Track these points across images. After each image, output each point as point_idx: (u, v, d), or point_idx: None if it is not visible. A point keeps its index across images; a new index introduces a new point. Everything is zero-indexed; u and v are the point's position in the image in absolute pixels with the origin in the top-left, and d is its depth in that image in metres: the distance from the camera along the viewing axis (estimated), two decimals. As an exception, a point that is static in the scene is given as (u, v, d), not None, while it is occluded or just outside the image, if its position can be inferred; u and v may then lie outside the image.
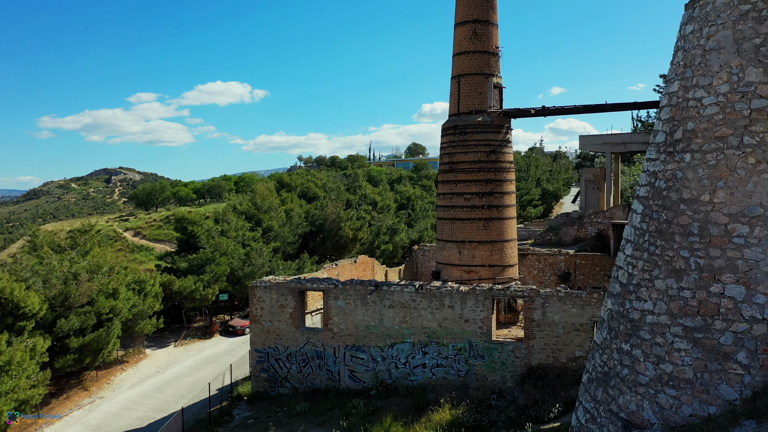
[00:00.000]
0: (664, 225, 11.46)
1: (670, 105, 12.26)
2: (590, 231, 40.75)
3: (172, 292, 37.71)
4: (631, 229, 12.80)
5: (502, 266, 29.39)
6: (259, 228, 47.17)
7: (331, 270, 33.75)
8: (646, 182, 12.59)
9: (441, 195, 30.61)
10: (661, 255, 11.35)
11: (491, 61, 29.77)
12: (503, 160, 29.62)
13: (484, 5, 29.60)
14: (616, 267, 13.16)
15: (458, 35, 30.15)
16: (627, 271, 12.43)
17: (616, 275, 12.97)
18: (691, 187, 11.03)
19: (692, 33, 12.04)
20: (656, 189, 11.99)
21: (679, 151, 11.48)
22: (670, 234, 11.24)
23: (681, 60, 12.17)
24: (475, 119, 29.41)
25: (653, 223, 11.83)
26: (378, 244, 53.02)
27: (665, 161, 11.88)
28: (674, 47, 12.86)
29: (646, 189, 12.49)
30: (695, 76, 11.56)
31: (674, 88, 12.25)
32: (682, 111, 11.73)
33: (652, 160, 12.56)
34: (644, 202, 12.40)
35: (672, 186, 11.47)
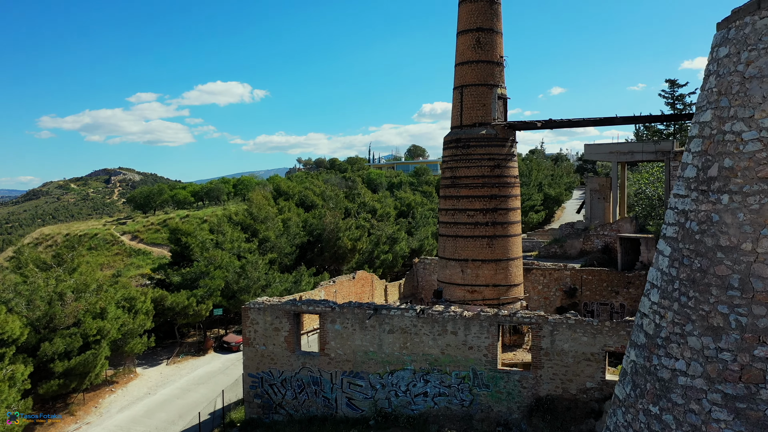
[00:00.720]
0: (698, 274, 10.20)
1: (701, 136, 10.98)
2: (596, 244, 39.49)
3: (164, 308, 36.41)
4: (657, 272, 11.53)
5: (507, 286, 28.13)
6: (255, 239, 45.89)
7: (329, 287, 32.49)
8: (675, 221, 11.32)
9: (443, 211, 29.33)
10: (694, 308, 10.09)
11: (495, 72, 28.50)
12: (508, 175, 28.35)
13: (488, 13, 28.33)
14: (640, 314, 11.90)
15: (461, 44, 28.88)
16: (654, 321, 11.16)
17: (641, 323, 11.71)
18: (730, 233, 9.76)
19: (727, 57, 10.75)
20: (687, 231, 10.73)
21: (715, 191, 10.21)
22: (705, 285, 9.98)
23: (714, 86, 10.89)
24: (478, 132, 28.14)
25: (684, 269, 10.56)
26: (377, 254, 51.72)
27: (698, 200, 10.61)
28: (705, 70, 11.60)
29: (675, 229, 11.22)
30: (732, 107, 10.29)
31: (706, 118, 10.97)
32: (717, 145, 10.46)
33: (680, 197, 11.28)
34: (673, 244, 11.13)
35: (707, 230, 10.20)
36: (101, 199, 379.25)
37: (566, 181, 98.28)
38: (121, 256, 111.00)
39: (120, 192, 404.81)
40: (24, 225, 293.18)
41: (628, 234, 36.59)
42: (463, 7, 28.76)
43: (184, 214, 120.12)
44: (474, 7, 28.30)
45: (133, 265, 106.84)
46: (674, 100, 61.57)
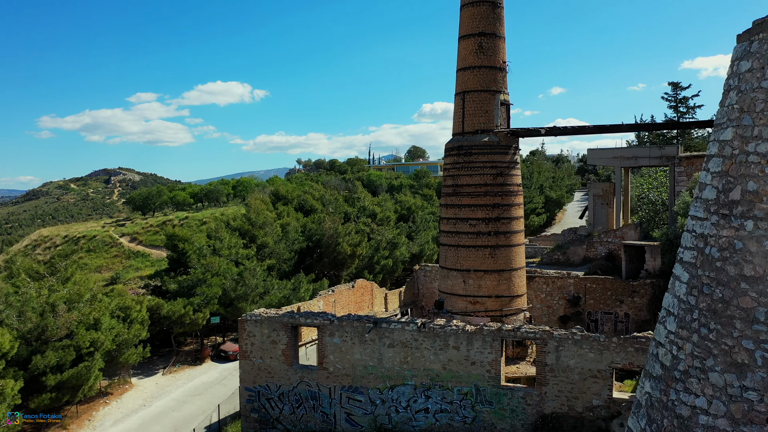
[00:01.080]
0: (720, 305, 9.54)
1: (722, 156, 10.31)
2: (600, 251, 38.84)
3: (160, 316, 35.75)
4: (673, 299, 10.88)
5: (509, 297, 27.48)
6: (254, 245, 45.22)
7: (328, 297, 31.85)
8: (693, 245, 10.65)
9: (444, 220, 28.68)
10: (716, 341, 9.43)
11: (498, 77, 27.85)
12: (511, 183, 27.70)
13: (491, 17, 27.68)
14: (656, 343, 11.24)
15: (462, 49, 28.22)
16: (671, 351, 10.50)
17: (656, 352, 11.05)
18: (755, 263, 9.10)
19: (750, 72, 10.07)
20: (707, 257, 10.06)
21: (738, 216, 9.55)
22: (728, 317, 9.32)
23: (735, 103, 10.23)
24: (480, 139, 27.49)
25: (704, 299, 9.91)
26: (377, 260, 51.06)
27: (719, 225, 9.95)
28: (725, 84, 10.93)
29: (693, 254, 10.55)
30: (757, 126, 9.62)
31: (727, 136, 10.31)
32: (740, 166, 9.79)
33: (699, 219, 10.61)
34: (691, 270, 10.46)
35: (729, 258, 9.54)
36: (101, 199, 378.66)
37: (567, 183, 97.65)
38: (119, 258, 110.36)
39: (120, 192, 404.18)
40: (24, 225, 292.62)
41: (633, 241, 35.93)
42: (465, 11, 28.10)
43: (183, 216, 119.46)
44: (476, 12, 27.65)
45: (131, 267, 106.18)
46: (677, 103, 61.03)
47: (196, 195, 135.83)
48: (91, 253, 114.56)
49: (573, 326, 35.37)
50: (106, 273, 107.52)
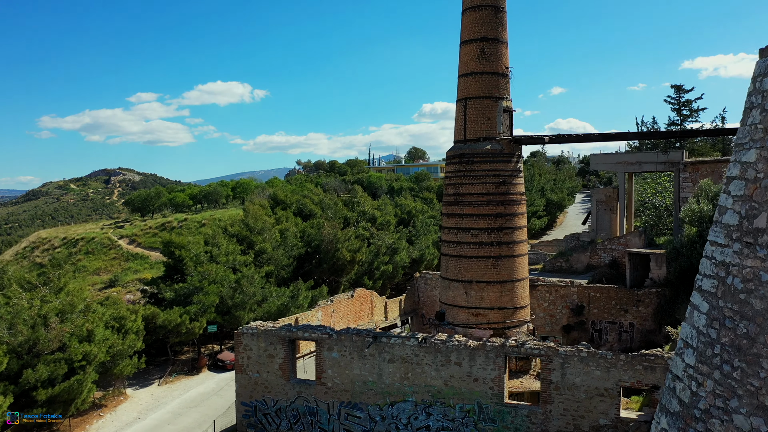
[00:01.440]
0: (744, 341, 8.90)
1: (744, 178, 9.67)
2: (604, 258, 38.17)
3: (156, 326, 35.08)
4: (692, 330, 10.24)
5: (512, 308, 26.81)
6: (251, 251, 44.54)
7: (326, 307, 31.18)
8: (713, 273, 10.01)
9: (446, 229, 28.01)
10: (741, 381, 8.78)
11: (500, 83, 27.19)
12: (514, 192, 27.03)
13: (493, 22, 27.01)
14: (673, 376, 10.60)
15: (464, 54, 27.56)
16: (689, 387, 9.86)
17: (673, 386, 10.41)
18: (785, 298, 8.47)
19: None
20: (729, 288, 9.42)
21: (764, 246, 8.89)
22: (753, 356, 8.68)
23: (759, 122, 9.58)
24: (483, 147, 26.82)
25: (727, 333, 9.26)
26: (377, 265, 50.41)
27: (742, 254, 9.30)
28: (746, 102, 10.28)
29: (713, 283, 9.91)
30: (784, 148, 9.01)
31: (750, 158, 9.66)
32: (765, 191, 9.16)
33: (719, 246, 9.97)
34: (711, 300, 9.83)
35: (754, 290, 8.89)
36: (101, 199, 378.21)
37: (569, 185, 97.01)
38: (118, 260, 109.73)
39: (120, 192, 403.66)
40: (23, 226, 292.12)
41: (637, 249, 35.27)
42: (467, 16, 27.44)
43: (182, 218, 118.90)
44: (478, 16, 26.98)
45: (130, 269, 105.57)
46: (680, 106, 60.33)
47: (195, 197, 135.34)
48: (90, 255, 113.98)
49: (576, 336, 34.78)
50: (104, 275, 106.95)
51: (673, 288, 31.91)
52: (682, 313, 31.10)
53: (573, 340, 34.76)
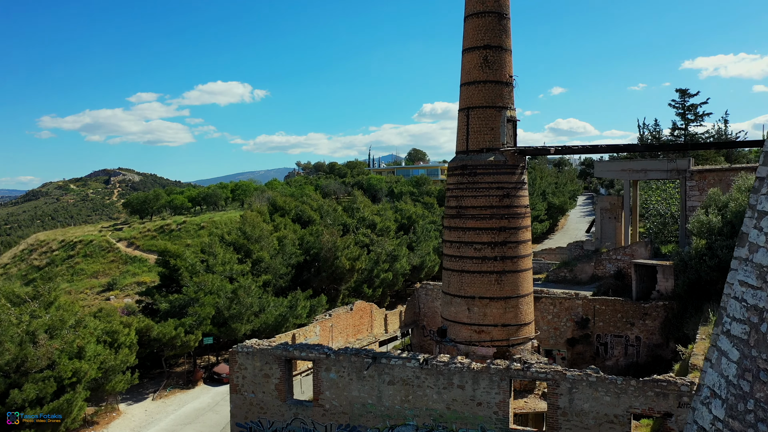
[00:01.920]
0: (783, 399, 8.04)
1: (778, 213, 8.83)
2: (608, 268, 37.31)
3: (150, 339, 34.21)
4: (720, 379, 9.38)
5: (517, 325, 25.93)
6: (249, 259, 43.66)
7: (324, 322, 30.31)
8: (744, 318, 9.14)
9: (447, 243, 27.12)
10: (779, 445, 7.93)
11: (504, 92, 26.31)
12: (518, 205, 26.16)
13: (497, 29, 26.12)
14: (698, 427, 9.75)
15: (467, 62, 26.67)
16: (718, 444, 9.00)
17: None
18: (829, 355, 7.61)
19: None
20: (763, 336, 8.55)
21: (805, 294, 8.05)
22: (794, 417, 7.82)
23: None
24: (486, 159, 25.93)
25: (762, 388, 8.39)
26: (377, 273, 49.55)
27: (778, 300, 8.45)
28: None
29: (744, 328, 9.04)
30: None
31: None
32: (805, 232, 8.32)
33: (750, 287, 9.11)
34: (742, 348, 8.96)
35: (794, 343, 8.04)
36: (100, 200, 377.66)
37: (570, 189, 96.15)
38: (116, 263, 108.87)
39: (119, 193, 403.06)
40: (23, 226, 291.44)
41: (643, 260, 34.42)
42: (469, 22, 26.55)
43: (181, 220, 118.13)
44: (481, 23, 26.10)
45: (128, 272, 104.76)
46: (685, 110, 59.47)
47: (194, 199, 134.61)
48: (88, 258, 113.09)
49: (581, 349, 33.91)
50: (102, 278, 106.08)
51: (681, 301, 31.03)
52: (690, 328, 30.25)
53: (578, 353, 33.93)
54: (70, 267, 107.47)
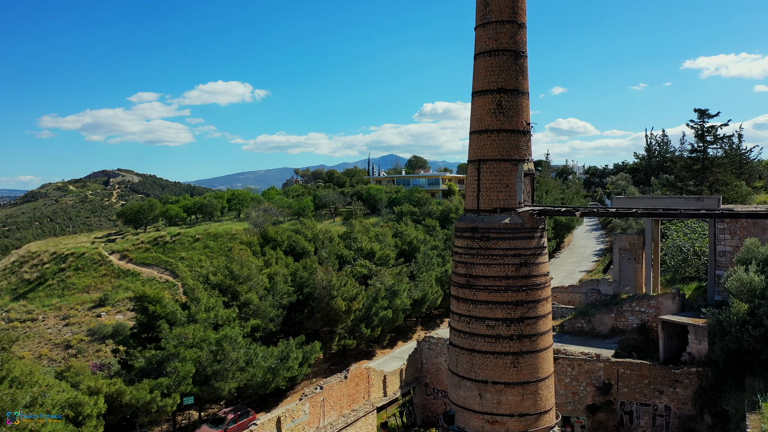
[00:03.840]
0: None
1: None
2: (631, 321, 33.80)
3: (122, 404, 30.68)
4: None
5: (536, 414, 22.42)
6: (236, 302, 40.13)
7: (315, 397, 26.80)
8: None
9: (456, 315, 23.59)
10: None
11: (521, 143, 22.80)
12: (537, 274, 22.63)
13: (512, 70, 22.60)
14: None
15: (478, 107, 23.14)
16: None
17: None
18: None
19: None
20: None
21: None
22: None
23: None
24: (500, 221, 22.41)
25: None
26: (376, 310, 46.01)
27: None
28: None
29: None
30: None
31: None
32: None
33: None
34: None
35: None
36: (99, 201, 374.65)
37: (576, 204, 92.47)
38: (108, 277, 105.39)
39: (119, 194, 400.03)
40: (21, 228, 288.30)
41: (672, 316, 30.88)
42: (480, 62, 23.02)
43: (176, 232, 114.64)
44: (494, 63, 22.57)
45: (121, 287, 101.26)
46: (703, 132, 55.94)
47: (189, 209, 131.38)
48: (79, 271, 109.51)
49: (603, 417, 30.32)
50: (94, 293, 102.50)
51: (717, 369, 27.54)
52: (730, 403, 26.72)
53: (599, 422, 30.43)
54: (61, 281, 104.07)
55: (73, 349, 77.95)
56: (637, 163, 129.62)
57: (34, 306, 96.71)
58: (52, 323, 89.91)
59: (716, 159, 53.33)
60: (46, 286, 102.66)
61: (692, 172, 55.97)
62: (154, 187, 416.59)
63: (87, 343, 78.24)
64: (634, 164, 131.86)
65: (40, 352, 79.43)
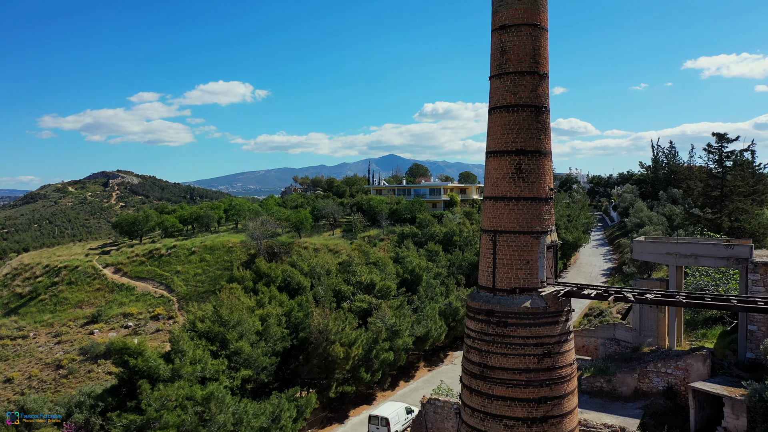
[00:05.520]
0: None
1: None
2: (656, 383, 30.82)
3: (96, 482, 27.77)
4: None
5: None
6: (225, 351, 37.16)
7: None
8: None
9: (468, 409, 20.62)
10: None
11: (543, 212, 19.84)
12: (563, 365, 19.68)
13: (533, 128, 19.64)
14: None
15: (493, 170, 20.18)
16: None
17: None
18: None
19: None
20: None
21: None
22: None
23: None
24: (520, 304, 19.45)
25: None
26: (376, 353, 43.06)
27: None
28: None
29: None
30: None
31: None
32: None
33: None
34: None
35: None
36: (99, 203, 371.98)
37: (583, 221, 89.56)
38: (102, 291, 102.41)
39: (118, 196, 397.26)
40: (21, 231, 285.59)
41: (703, 384, 27.90)
42: (496, 118, 20.04)
43: (171, 244, 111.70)
44: (512, 120, 19.60)
45: (115, 302, 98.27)
46: (722, 158, 52.96)
47: (185, 219, 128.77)
48: (72, 285, 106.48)
49: (628, 498, 27.35)
50: (87, 309, 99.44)
51: (758, 452, 24.59)
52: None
53: (624, 503, 27.43)
54: (54, 295, 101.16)
55: (64, 370, 75.27)
56: (643, 173, 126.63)
57: (25, 322, 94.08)
58: (43, 340, 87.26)
59: (736, 187, 50.32)
60: (38, 301, 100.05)
61: (711, 199, 52.99)
62: (153, 188, 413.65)
63: (78, 363, 75.62)
64: (640, 175, 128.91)
65: (30, 372, 76.71)
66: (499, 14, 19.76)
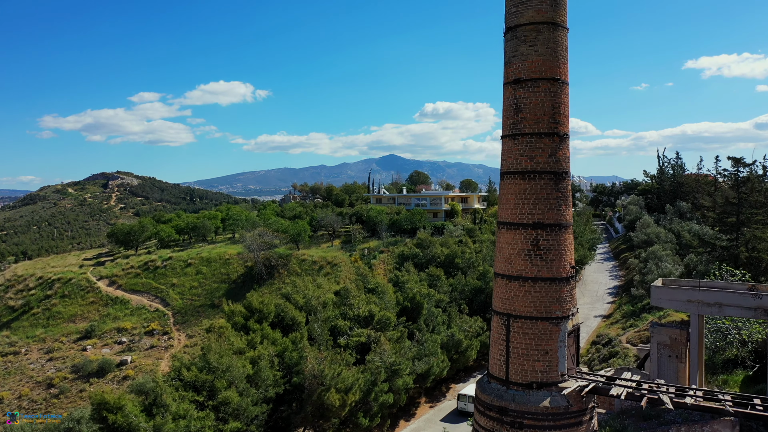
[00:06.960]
0: None
1: None
2: (679, 449, 28.25)
3: None
4: None
5: None
6: (212, 401, 34.63)
7: None
8: None
9: None
10: None
11: (563, 293, 17.33)
12: (586, 472, 17.16)
13: (553, 197, 17.13)
14: None
15: (506, 244, 17.65)
16: None
17: None
18: None
19: None
20: None
21: None
22: None
23: None
24: (538, 403, 16.95)
25: None
26: (375, 396, 40.53)
27: None
28: None
29: None
30: None
31: None
32: None
33: None
34: None
35: None
36: (98, 204, 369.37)
37: (590, 237, 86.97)
38: (96, 305, 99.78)
39: (117, 197, 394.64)
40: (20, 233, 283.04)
41: (734, 455, 25.39)
42: (510, 184, 17.50)
43: (167, 256, 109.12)
44: (529, 189, 17.07)
45: (109, 316, 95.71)
46: (738, 184, 50.41)
47: (182, 229, 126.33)
48: (66, 299, 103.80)
49: None
50: (80, 323, 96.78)
51: None
52: None
53: None
54: (47, 309, 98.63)
55: (55, 389, 72.86)
56: (648, 183, 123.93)
57: (17, 337, 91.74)
58: (35, 357, 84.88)
59: (753, 215, 47.79)
60: (31, 315, 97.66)
61: (726, 225, 50.47)
62: (153, 189, 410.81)
63: (70, 382, 73.22)
64: (645, 185, 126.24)
65: (20, 391, 74.20)
66: (513, 66, 17.21)
